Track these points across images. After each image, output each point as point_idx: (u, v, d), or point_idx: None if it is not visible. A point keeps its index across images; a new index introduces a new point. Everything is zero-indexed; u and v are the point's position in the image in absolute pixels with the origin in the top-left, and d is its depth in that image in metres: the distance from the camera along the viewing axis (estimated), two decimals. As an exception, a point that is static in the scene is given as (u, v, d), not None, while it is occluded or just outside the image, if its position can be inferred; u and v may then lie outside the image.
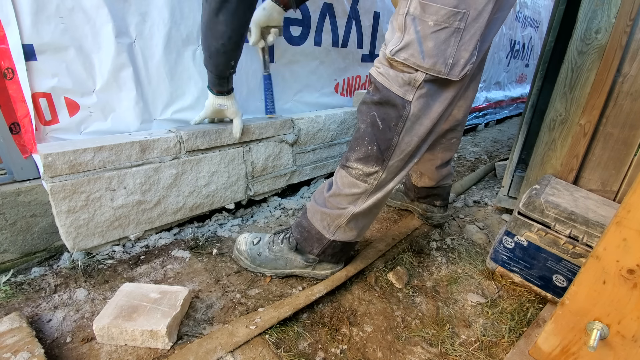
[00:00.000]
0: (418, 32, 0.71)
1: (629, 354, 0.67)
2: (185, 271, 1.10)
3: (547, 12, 3.75)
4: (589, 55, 1.16)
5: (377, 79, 0.80)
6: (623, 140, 1.16)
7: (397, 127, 0.80)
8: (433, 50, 0.72)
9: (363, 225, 0.99)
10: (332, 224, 0.95)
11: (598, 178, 1.24)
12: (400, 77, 0.77)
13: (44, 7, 0.91)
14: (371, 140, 0.83)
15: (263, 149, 1.41)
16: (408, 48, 0.73)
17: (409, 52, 0.73)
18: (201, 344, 0.81)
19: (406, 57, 0.74)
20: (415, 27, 0.71)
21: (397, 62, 0.76)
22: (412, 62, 0.74)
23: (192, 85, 1.25)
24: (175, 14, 1.12)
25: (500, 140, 2.99)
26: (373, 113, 0.81)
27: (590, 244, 0.93)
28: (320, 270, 1.05)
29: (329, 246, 0.98)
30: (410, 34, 0.72)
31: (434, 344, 0.90)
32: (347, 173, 0.89)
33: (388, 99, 0.79)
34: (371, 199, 0.91)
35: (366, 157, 0.84)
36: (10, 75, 0.92)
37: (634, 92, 1.11)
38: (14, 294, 0.96)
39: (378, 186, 0.89)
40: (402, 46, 0.73)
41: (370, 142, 0.83)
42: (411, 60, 0.74)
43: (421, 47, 0.72)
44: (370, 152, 0.83)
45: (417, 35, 0.71)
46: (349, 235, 0.97)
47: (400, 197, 1.52)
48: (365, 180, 0.87)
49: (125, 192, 1.09)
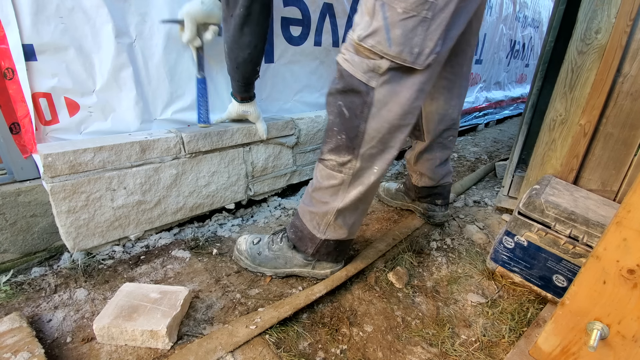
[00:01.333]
0: (386, 19, 0.70)
1: (629, 354, 0.67)
2: (186, 271, 1.10)
3: (547, 12, 3.75)
4: (589, 55, 1.16)
5: (343, 65, 0.79)
6: (623, 140, 1.16)
7: (363, 114, 0.80)
8: (400, 38, 0.71)
9: (353, 222, 0.98)
10: (321, 222, 0.95)
11: (598, 178, 1.24)
12: (365, 64, 0.76)
13: (44, 7, 0.91)
14: (340, 129, 0.83)
15: (263, 149, 1.41)
16: (375, 35, 0.72)
17: (376, 39, 0.73)
18: (201, 344, 0.81)
19: (373, 44, 0.73)
20: (384, 14, 0.70)
21: (363, 48, 0.75)
22: (379, 49, 0.73)
23: (192, 86, 1.25)
24: (176, 14, 1.12)
25: (500, 140, 2.99)
26: (339, 103, 0.81)
27: (590, 244, 0.93)
28: (320, 270, 1.05)
29: (322, 245, 0.99)
30: (379, 20, 0.71)
31: (434, 344, 0.90)
32: (323, 166, 0.90)
33: (352, 86, 0.78)
34: (352, 191, 0.90)
35: (337, 147, 0.85)
36: (10, 75, 0.92)
37: (634, 92, 1.11)
38: (14, 294, 0.96)
39: (355, 176, 0.88)
40: (370, 32, 0.73)
41: (339, 132, 0.83)
42: (378, 47, 0.73)
43: (388, 35, 0.71)
44: (340, 142, 0.84)
45: (385, 22, 0.71)
46: (339, 234, 0.97)
47: (401, 197, 1.54)
48: (340, 171, 0.87)
49: (125, 192, 1.09)
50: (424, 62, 0.75)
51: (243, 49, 1.08)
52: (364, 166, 0.87)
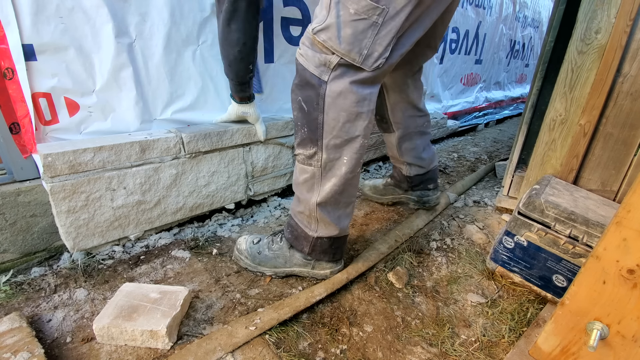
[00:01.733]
0: (339, 17, 0.73)
1: (629, 354, 0.67)
2: (185, 271, 1.10)
3: (547, 12, 3.75)
4: (589, 55, 1.16)
5: (298, 60, 0.82)
6: (623, 140, 1.16)
7: (319, 106, 0.82)
8: (350, 37, 0.74)
9: (339, 217, 0.98)
10: (310, 220, 0.98)
11: (598, 178, 1.24)
12: (317, 58, 0.79)
13: (44, 7, 0.91)
14: (302, 123, 0.86)
15: (263, 149, 1.41)
16: (328, 30, 0.75)
17: (327, 35, 0.75)
18: (200, 345, 0.81)
19: (325, 39, 0.76)
20: (338, 11, 0.73)
21: (317, 42, 0.78)
22: (330, 44, 0.76)
23: (192, 85, 1.25)
24: (175, 14, 1.12)
25: (500, 140, 2.99)
26: (298, 98, 0.84)
27: (590, 244, 0.93)
28: (319, 270, 1.05)
29: (316, 243, 1.00)
30: (332, 16, 0.73)
31: (434, 344, 0.90)
32: (297, 162, 0.94)
33: (306, 79, 0.81)
34: (327, 184, 0.91)
35: (302, 140, 0.88)
36: (10, 75, 0.92)
37: (634, 92, 1.11)
38: (14, 294, 0.96)
39: (325, 168, 0.90)
40: (323, 27, 0.75)
41: (302, 125, 0.87)
42: (329, 42, 0.75)
43: (339, 33, 0.74)
44: (304, 135, 0.87)
45: (338, 20, 0.73)
46: (330, 230, 0.98)
47: (392, 191, 1.55)
48: (310, 164, 0.90)
49: (125, 192, 1.09)
50: (372, 64, 0.78)
51: (232, 46, 1.08)
52: (332, 157, 0.89)
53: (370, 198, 1.61)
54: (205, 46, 1.23)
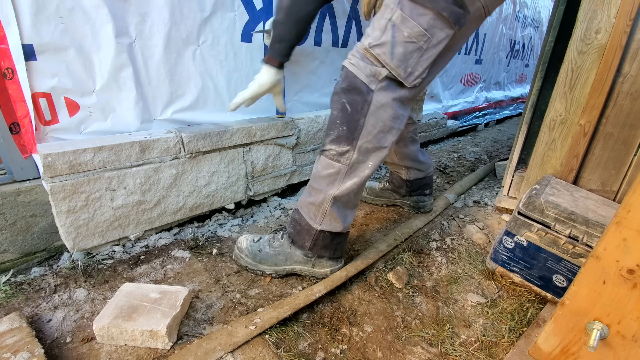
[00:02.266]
0: (394, 37, 0.86)
1: (629, 354, 0.67)
2: (185, 271, 1.10)
3: (547, 12, 3.75)
4: (589, 55, 1.16)
5: (349, 68, 0.92)
6: (623, 140, 1.16)
7: (363, 110, 0.92)
8: (400, 55, 0.87)
9: (345, 214, 1.04)
10: (318, 212, 1.01)
11: (598, 178, 1.24)
12: (368, 68, 0.90)
13: (44, 7, 0.91)
14: (342, 122, 0.94)
15: (263, 149, 1.41)
16: (383, 46, 0.87)
17: (382, 50, 0.87)
18: (200, 345, 0.81)
19: (379, 53, 0.88)
20: (393, 33, 0.86)
21: (370, 55, 0.89)
22: (383, 58, 0.88)
23: (192, 86, 1.25)
24: (175, 14, 1.12)
25: (500, 140, 2.99)
26: (343, 100, 0.93)
27: (590, 244, 0.93)
28: (319, 269, 1.05)
29: (318, 237, 1.02)
30: (388, 36, 0.87)
31: (434, 344, 0.90)
32: (324, 156, 0.99)
33: (355, 85, 0.91)
34: (348, 182, 0.98)
35: (338, 137, 0.95)
36: (10, 75, 0.92)
37: (634, 92, 1.11)
38: (14, 294, 0.96)
39: (352, 167, 0.97)
40: (379, 43, 0.87)
41: (341, 124, 0.94)
42: (382, 56, 0.88)
43: (392, 50, 0.87)
44: (341, 132, 0.94)
45: (393, 39, 0.86)
46: (334, 225, 1.02)
47: (388, 195, 1.60)
48: (338, 160, 0.96)
49: (125, 192, 1.09)
50: (412, 82, 0.91)
51: (309, 4, 1.12)
52: (360, 159, 0.97)
53: (364, 199, 1.64)
54: (205, 46, 1.23)
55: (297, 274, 1.08)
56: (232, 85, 1.35)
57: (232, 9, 1.25)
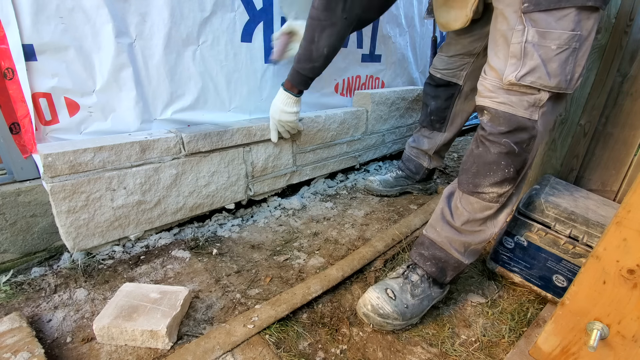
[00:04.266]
0: (541, 56, 0.78)
1: (629, 354, 0.67)
2: (185, 271, 1.10)
3: (547, 12, 3.73)
4: (589, 55, 1.16)
5: (500, 108, 0.84)
6: (623, 140, 1.16)
7: (529, 147, 0.86)
8: (557, 70, 0.79)
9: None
10: (469, 248, 0.96)
11: (598, 178, 1.24)
12: (525, 101, 0.82)
13: (44, 7, 0.91)
14: (507, 164, 0.87)
15: (263, 149, 1.41)
16: (534, 72, 0.79)
17: (535, 75, 0.79)
18: (199, 344, 0.81)
19: (533, 80, 0.80)
20: (538, 52, 0.78)
21: (520, 86, 0.81)
22: (539, 83, 0.80)
23: (192, 86, 1.25)
24: (175, 14, 1.12)
25: (500, 140, 2.98)
26: (505, 140, 0.85)
27: (590, 244, 0.93)
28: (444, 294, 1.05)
29: (461, 271, 1.00)
30: (534, 59, 0.79)
31: (434, 344, 0.90)
32: (478, 199, 0.92)
33: (518, 124, 0.83)
34: (501, 217, 0.95)
35: (503, 180, 0.88)
36: (10, 75, 0.92)
37: (634, 92, 1.11)
38: (14, 294, 0.96)
39: (506, 203, 0.94)
40: (527, 70, 0.80)
41: (507, 166, 0.87)
42: (538, 82, 0.80)
43: (546, 69, 0.79)
44: (508, 175, 0.87)
45: (541, 59, 0.78)
46: (476, 255, 0.99)
47: (402, 182, 1.69)
48: (497, 201, 0.91)
49: (125, 192, 1.09)
50: (574, 85, 0.83)
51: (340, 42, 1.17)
52: (515, 192, 0.94)
53: (379, 192, 1.68)
54: (205, 46, 1.23)
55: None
56: (232, 86, 1.35)
57: (232, 9, 1.25)
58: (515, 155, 0.86)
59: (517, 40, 0.80)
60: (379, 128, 1.93)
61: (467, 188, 0.93)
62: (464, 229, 0.95)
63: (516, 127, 0.83)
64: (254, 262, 1.16)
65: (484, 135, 0.88)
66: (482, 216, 0.93)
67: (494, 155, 0.87)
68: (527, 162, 0.88)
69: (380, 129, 1.93)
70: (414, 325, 0.95)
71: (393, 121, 2.00)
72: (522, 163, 0.87)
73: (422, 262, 0.98)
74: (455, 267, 0.96)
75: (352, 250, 1.25)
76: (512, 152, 0.85)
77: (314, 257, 1.20)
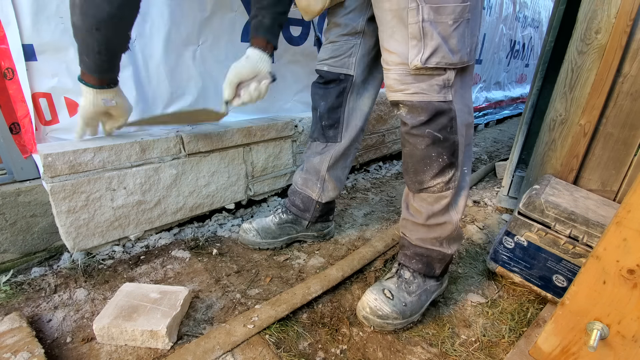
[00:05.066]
0: (440, 34, 0.75)
1: (629, 354, 0.67)
2: (185, 271, 1.10)
3: (547, 12, 3.75)
4: (589, 55, 1.16)
5: (414, 98, 0.81)
6: (623, 140, 1.16)
7: (453, 128, 0.83)
8: (457, 45, 0.77)
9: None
10: (449, 238, 0.95)
11: (598, 178, 1.24)
12: (435, 85, 0.79)
13: (44, 7, 0.91)
14: (439, 153, 0.85)
15: (263, 149, 1.41)
16: (437, 52, 0.76)
17: (439, 56, 0.76)
18: (199, 344, 0.81)
19: (438, 61, 0.77)
20: (436, 30, 0.75)
21: (427, 69, 0.78)
22: (445, 62, 0.77)
23: (192, 86, 1.25)
24: (175, 14, 1.12)
25: (500, 140, 2.99)
26: (428, 131, 0.82)
27: (590, 244, 0.93)
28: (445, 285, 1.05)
29: (449, 261, 0.99)
30: (434, 38, 0.75)
31: (434, 344, 0.90)
32: (428, 193, 0.90)
33: (435, 110, 0.80)
34: (460, 200, 0.93)
35: (441, 170, 0.86)
36: (10, 75, 0.92)
37: (634, 92, 1.11)
38: (14, 294, 0.96)
39: (459, 187, 0.91)
40: (430, 52, 0.76)
41: (439, 155, 0.85)
42: (443, 62, 0.77)
43: (448, 47, 0.76)
44: (444, 163, 0.85)
45: (441, 37, 0.75)
46: (459, 243, 0.99)
47: (289, 230, 1.23)
48: (448, 188, 0.88)
49: (125, 192, 1.09)
50: (474, 55, 0.83)
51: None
52: (463, 171, 0.91)
53: (257, 245, 1.21)
54: (205, 46, 1.23)
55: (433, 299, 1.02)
56: (232, 85, 1.35)
57: (232, 9, 1.25)
58: (442, 141, 0.83)
59: (413, 20, 0.75)
60: (379, 128, 1.93)
61: (414, 187, 0.91)
62: (430, 224, 0.93)
63: (435, 113, 0.81)
64: (254, 262, 1.16)
65: (406, 132, 0.86)
66: (440, 207, 0.90)
67: (423, 150, 0.85)
68: (456, 143, 0.85)
69: (380, 128, 1.93)
70: (414, 325, 0.95)
71: (393, 121, 2.00)
72: (453, 147, 0.84)
73: (408, 262, 0.98)
74: (440, 260, 0.96)
75: (352, 250, 1.25)
76: (438, 140, 0.83)
77: (314, 257, 1.20)
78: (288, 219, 1.23)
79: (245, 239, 1.22)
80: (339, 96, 1.09)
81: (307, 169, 1.19)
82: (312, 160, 1.17)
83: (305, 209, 1.21)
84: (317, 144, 1.16)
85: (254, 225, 1.21)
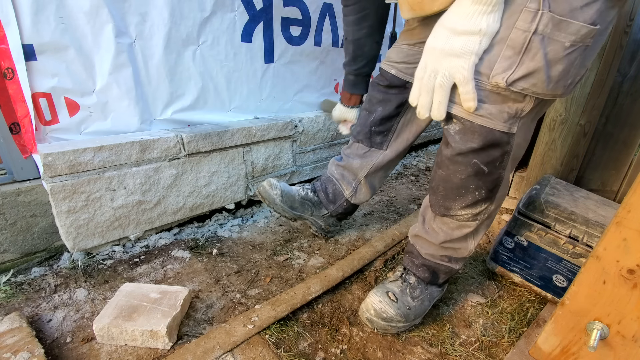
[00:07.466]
0: (546, 56, 0.59)
1: (629, 354, 0.67)
2: (185, 271, 1.10)
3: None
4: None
5: (475, 120, 0.67)
6: (623, 140, 1.16)
7: (502, 164, 0.73)
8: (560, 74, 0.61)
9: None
10: (459, 258, 0.93)
11: (598, 178, 1.24)
12: (506, 112, 0.65)
13: (44, 7, 0.91)
14: (477, 186, 0.75)
15: (263, 149, 1.41)
16: (530, 77, 0.61)
17: (530, 82, 0.61)
18: (199, 344, 0.81)
19: (525, 87, 0.62)
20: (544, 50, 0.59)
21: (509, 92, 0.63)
22: (532, 90, 0.62)
23: (192, 85, 1.25)
24: (175, 14, 1.12)
25: (500, 140, 2.98)
26: (474, 161, 0.71)
27: (590, 244, 0.93)
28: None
29: (454, 273, 0.98)
30: (536, 60, 0.59)
31: (434, 344, 0.90)
32: (452, 219, 0.83)
33: (493, 140, 0.68)
34: (482, 231, 0.89)
35: (474, 202, 0.78)
36: (10, 75, 0.92)
37: (634, 92, 1.11)
38: (14, 294, 0.96)
39: (487, 218, 0.85)
40: (522, 74, 0.61)
41: (477, 189, 0.76)
42: (531, 89, 0.62)
43: (548, 73, 0.60)
44: (479, 197, 0.77)
45: (545, 61, 0.59)
46: (465, 261, 0.96)
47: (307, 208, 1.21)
48: (475, 219, 0.83)
49: (125, 192, 1.09)
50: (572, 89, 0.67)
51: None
52: (495, 207, 0.84)
53: (272, 205, 1.16)
54: (205, 46, 1.23)
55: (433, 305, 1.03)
56: (232, 85, 1.35)
57: (232, 9, 1.25)
58: (486, 175, 0.73)
59: (523, 26, 0.58)
60: (379, 128, 1.93)
61: (439, 210, 0.83)
62: (444, 247, 0.89)
63: (490, 144, 0.68)
64: (254, 262, 1.16)
65: (449, 156, 0.74)
66: (460, 234, 0.85)
67: (461, 180, 0.75)
68: (501, 178, 0.76)
69: (380, 129, 1.93)
70: (415, 325, 0.95)
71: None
72: (495, 182, 0.75)
73: (415, 269, 0.95)
74: (446, 272, 0.95)
75: (352, 250, 1.25)
76: (482, 173, 0.73)
77: (314, 257, 1.20)
78: (313, 199, 1.20)
79: (266, 193, 1.16)
80: (399, 106, 1.03)
81: (345, 166, 1.16)
82: (352, 162, 1.13)
83: (332, 201, 1.19)
84: (360, 145, 1.12)
85: (281, 186, 1.17)
